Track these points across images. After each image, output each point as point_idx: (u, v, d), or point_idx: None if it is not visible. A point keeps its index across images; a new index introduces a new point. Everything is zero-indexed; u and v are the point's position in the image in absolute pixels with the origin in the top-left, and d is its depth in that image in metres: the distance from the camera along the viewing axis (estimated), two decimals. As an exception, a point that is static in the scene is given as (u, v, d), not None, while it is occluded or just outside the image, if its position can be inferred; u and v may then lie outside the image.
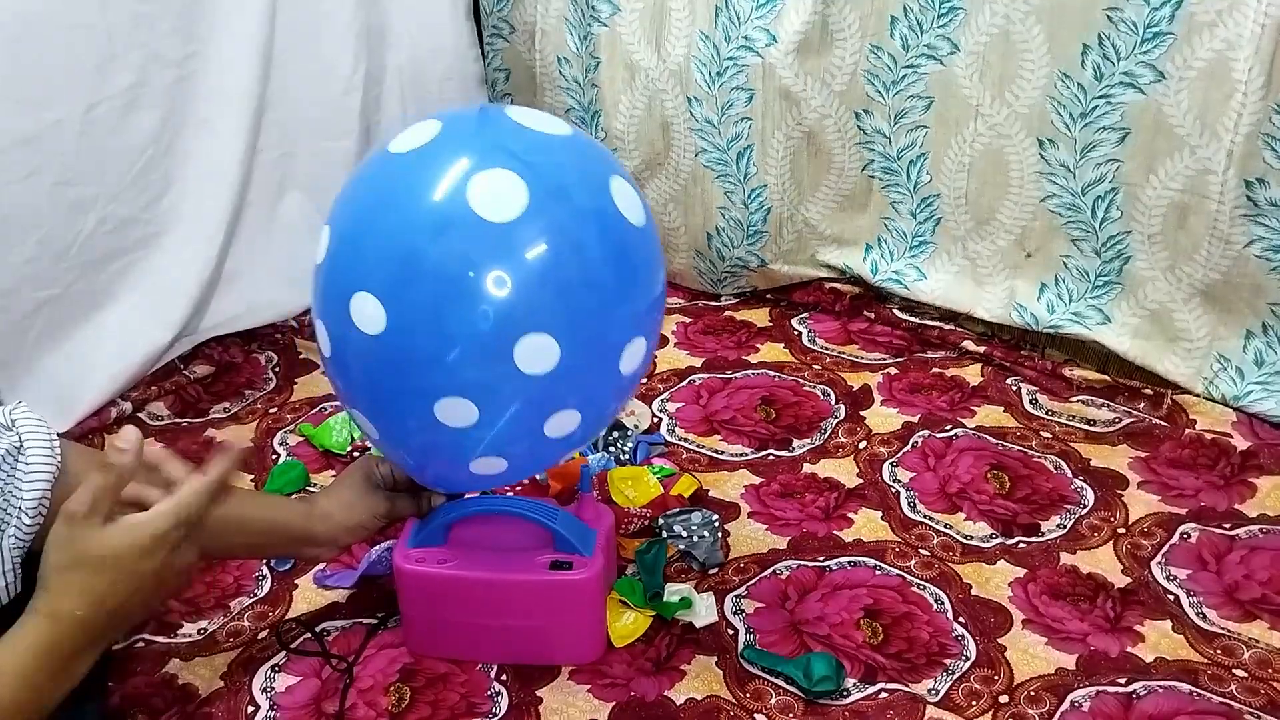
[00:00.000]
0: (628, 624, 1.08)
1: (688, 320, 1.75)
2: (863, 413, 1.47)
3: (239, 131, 1.59)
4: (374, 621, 1.11)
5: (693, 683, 1.03)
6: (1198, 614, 1.10)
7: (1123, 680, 1.02)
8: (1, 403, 0.87)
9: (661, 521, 1.23)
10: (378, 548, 1.18)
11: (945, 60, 1.50)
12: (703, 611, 1.10)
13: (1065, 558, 1.19)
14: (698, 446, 1.42)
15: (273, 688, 1.04)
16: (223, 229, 1.59)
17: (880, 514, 1.27)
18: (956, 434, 1.41)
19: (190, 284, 1.56)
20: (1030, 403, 1.48)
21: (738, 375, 1.58)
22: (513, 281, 0.86)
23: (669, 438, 1.43)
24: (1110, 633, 1.08)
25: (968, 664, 1.05)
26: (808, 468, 1.36)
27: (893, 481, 1.33)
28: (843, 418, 1.47)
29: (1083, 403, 1.48)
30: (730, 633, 1.09)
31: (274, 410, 1.54)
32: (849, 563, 1.19)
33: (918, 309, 1.69)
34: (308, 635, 1.10)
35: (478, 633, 1.05)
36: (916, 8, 1.49)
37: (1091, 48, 1.37)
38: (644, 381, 1.55)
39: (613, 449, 1.37)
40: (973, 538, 1.23)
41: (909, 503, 1.29)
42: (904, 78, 1.55)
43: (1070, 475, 1.32)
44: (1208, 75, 1.28)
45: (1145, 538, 1.21)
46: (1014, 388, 1.52)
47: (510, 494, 1.28)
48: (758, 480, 1.34)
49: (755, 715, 1.00)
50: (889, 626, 1.09)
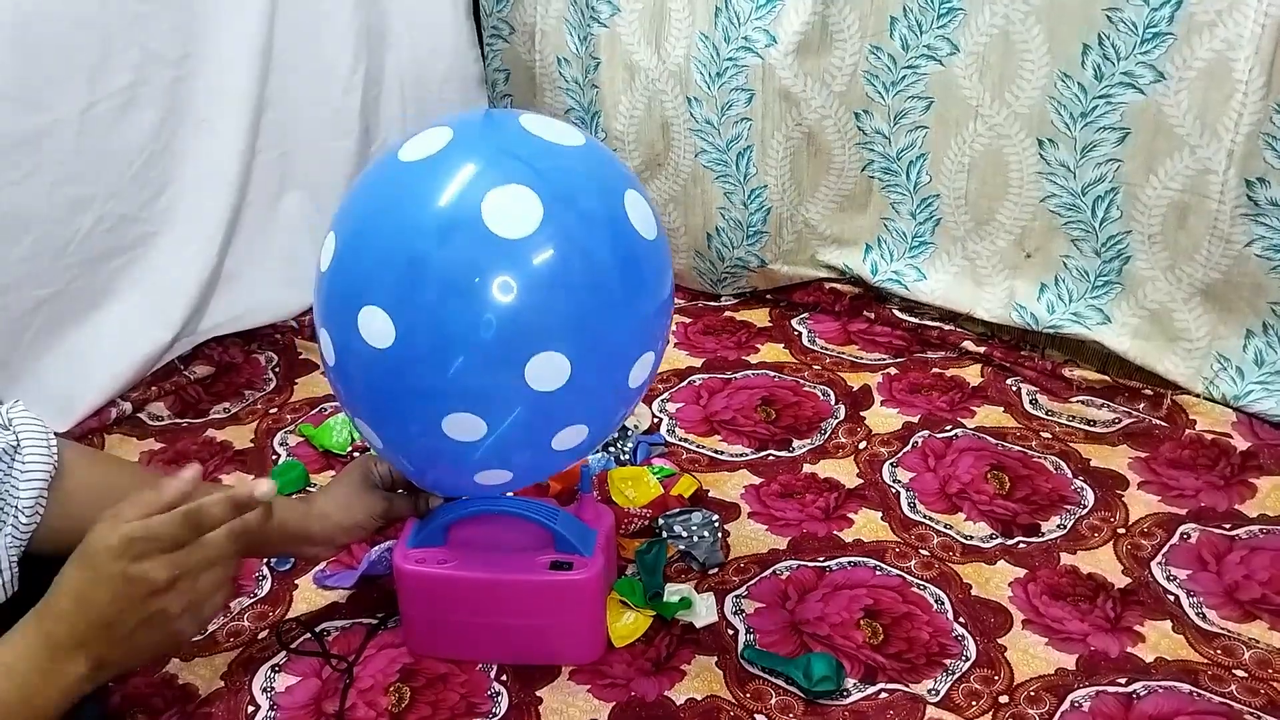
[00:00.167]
0: (628, 624, 1.08)
1: (688, 320, 1.75)
2: (863, 413, 1.47)
3: (238, 131, 1.58)
4: (374, 621, 1.11)
5: (693, 683, 1.03)
6: (1198, 614, 1.10)
7: (1123, 680, 1.02)
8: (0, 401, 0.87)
9: (661, 522, 1.23)
10: (378, 548, 1.18)
11: (945, 60, 1.50)
12: (703, 612, 1.10)
13: (1065, 558, 1.18)
14: (698, 447, 1.41)
15: (273, 688, 1.04)
16: (222, 229, 1.59)
17: (880, 514, 1.27)
18: (956, 434, 1.41)
19: (190, 284, 1.56)
20: (1030, 403, 1.48)
21: (738, 375, 1.58)
22: (526, 298, 0.85)
23: (669, 438, 1.43)
24: (1110, 633, 1.08)
25: (968, 664, 1.05)
26: (808, 468, 1.36)
27: (893, 482, 1.33)
28: (843, 418, 1.47)
29: (1083, 403, 1.48)
30: (730, 633, 1.09)
31: (274, 410, 1.54)
32: (849, 563, 1.19)
33: (918, 309, 1.69)
34: (308, 635, 1.10)
35: (478, 633, 1.05)
36: (916, 8, 1.49)
37: (1091, 48, 1.37)
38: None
39: (613, 449, 1.37)
40: (973, 538, 1.22)
41: (909, 503, 1.29)
42: (904, 78, 1.55)
43: (1070, 475, 1.32)
44: (1207, 75, 1.28)
45: (1145, 538, 1.21)
46: (1014, 388, 1.52)
47: (510, 494, 1.28)
48: (758, 480, 1.34)
49: (755, 715, 1.00)
50: (889, 627, 1.09)
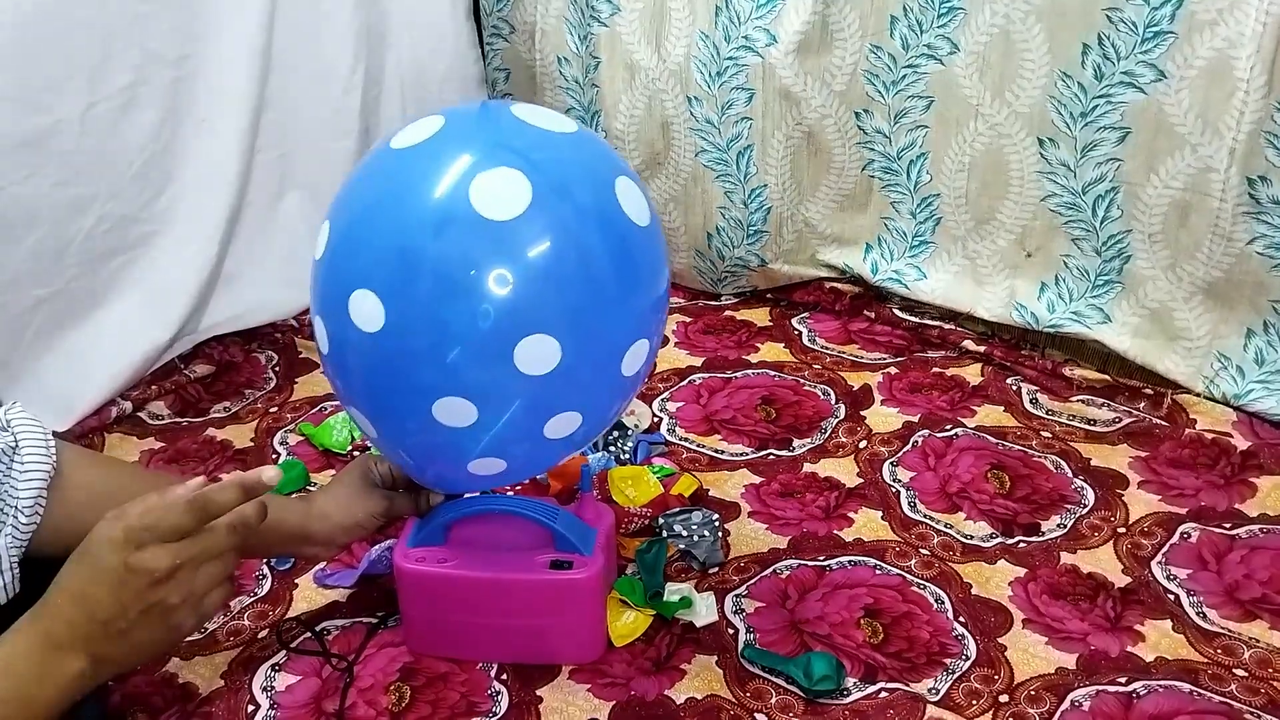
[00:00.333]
0: (628, 623, 1.08)
1: (688, 320, 1.75)
2: (863, 412, 1.47)
3: (238, 131, 1.59)
4: (374, 621, 1.11)
5: (693, 682, 1.03)
6: (1198, 613, 1.10)
7: (1123, 680, 1.02)
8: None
9: (662, 521, 1.23)
10: (378, 547, 1.18)
11: (945, 60, 1.50)
12: (703, 611, 1.10)
13: (1065, 557, 1.18)
14: (698, 446, 1.41)
15: (273, 687, 1.04)
16: (222, 228, 1.60)
17: (880, 513, 1.27)
18: (957, 433, 1.41)
19: (190, 283, 1.56)
20: (1030, 402, 1.48)
21: (738, 375, 1.58)
22: (514, 280, 0.85)
23: (669, 437, 1.43)
24: (1110, 632, 1.08)
25: (968, 663, 1.05)
26: (808, 467, 1.36)
27: (893, 481, 1.33)
28: (843, 417, 1.46)
29: (1083, 402, 1.48)
30: (730, 632, 1.09)
31: (274, 410, 1.54)
32: (849, 562, 1.19)
33: (918, 308, 1.68)
34: (308, 634, 1.10)
35: (478, 632, 1.05)
36: (916, 7, 1.49)
37: (1091, 47, 1.36)
38: (644, 381, 1.54)
39: (613, 448, 1.37)
40: (973, 537, 1.22)
41: (909, 502, 1.29)
42: (904, 77, 1.55)
43: (1070, 475, 1.32)
44: (1208, 74, 1.28)
45: (1145, 537, 1.21)
46: (1014, 387, 1.52)
47: (510, 493, 1.28)
48: (758, 480, 1.34)
49: (755, 715, 1.00)
50: (889, 626, 1.09)
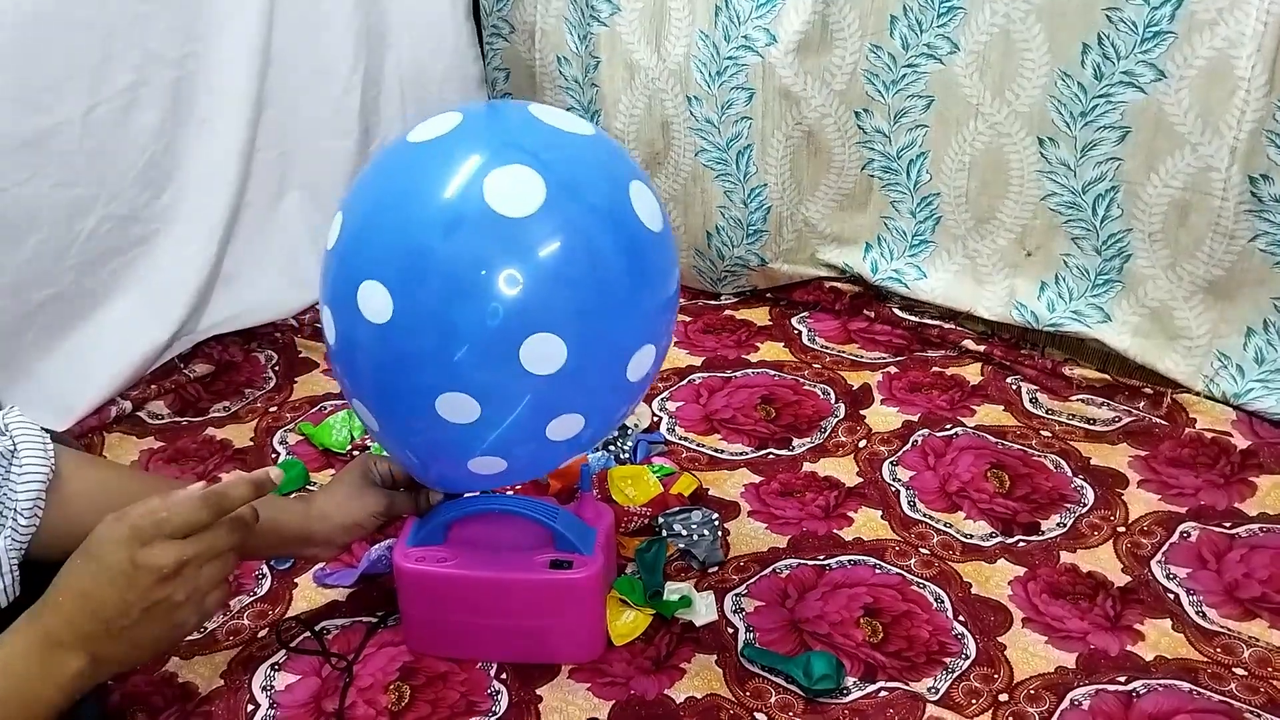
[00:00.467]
0: (627, 622, 1.08)
1: (688, 319, 1.75)
2: (863, 411, 1.47)
3: (238, 131, 1.59)
4: (374, 620, 1.11)
5: (692, 681, 1.03)
6: (1198, 612, 1.10)
7: (1123, 679, 1.02)
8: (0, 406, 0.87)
9: (661, 520, 1.23)
10: (378, 546, 1.18)
11: (945, 59, 1.50)
12: (702, 610, 1.10)
13: (1065, 556, 1.18)
14: (698, 445, 1.41)
15: (272, 686, 1.04)
16: (222, 228, 1.60)
17: (880, 513, 1.27)
18: (956, 433, 1.41)
19: (190, 283, 1.56)
20: (1030, 402, 1.48)
21: (738, 374, 1.58)
22: (524, 279, 0.84)
23: (669, 437, 1.43)
24: (1110, 631, 1.08)
25: (967, 662, 1.05)
26: (808, 466, 1.36)
27: (893, 480, 1.33)
28: (843, 417, 1.46)
29: (1083, 401, 1.48)
30: (730, 631, 1.09)
31: (274, 409, 1.54)
32: (849, 561, 1.19)
33: (918, 308, 1.69)
34: (307, 634, 1.10)
35: (477, 631, 1.05)
36: (916, 7, 1.49)
37: (1091, 47, 1.36)
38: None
39: (613, 448, 1.37)
40: (972, 536, 1.22)
41: (909, 501, 1.29)
42: (904, 77, 1.55)
43: (1070, 474, 1.32)
44: (1208, 74, 1.28)
45: (1145, 536, 1.21)
46: (1014, 387, 1.52)
47: (510, 493, 1.28)
48: (757, 479, 1.34)
49: (755, 714, 1.00)
50: (889, 625, 1.09)
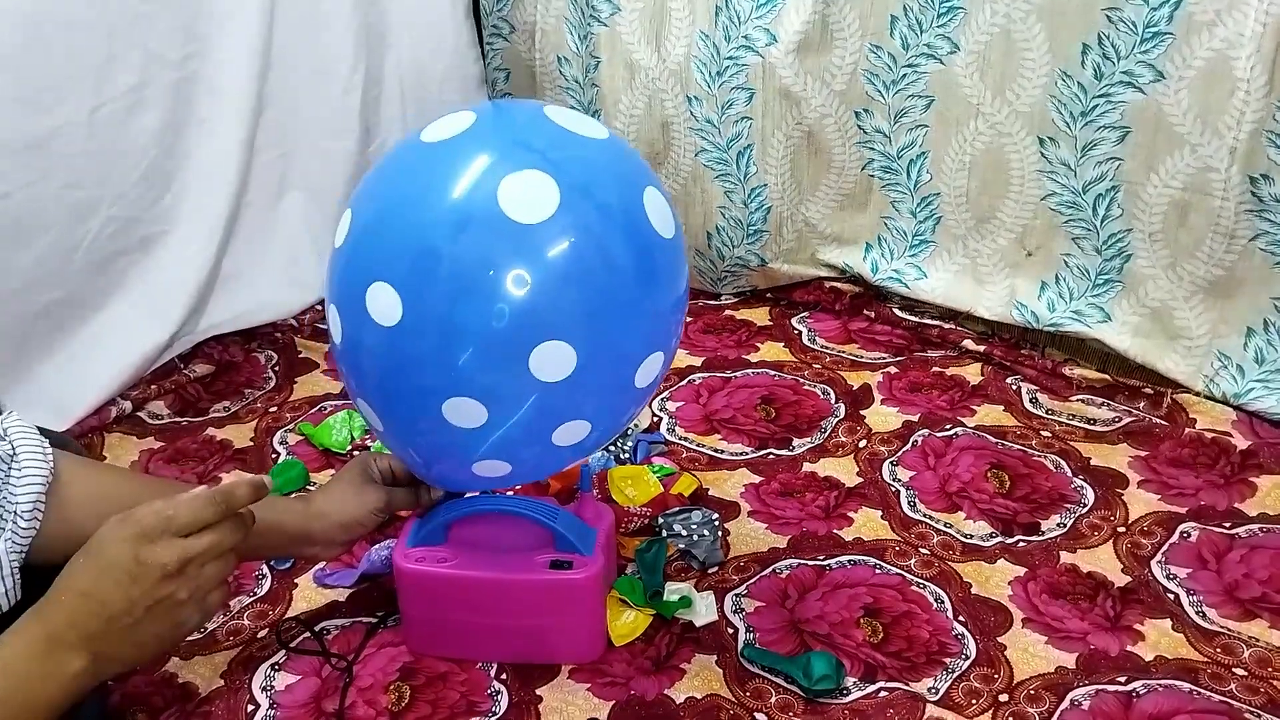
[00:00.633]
0: (627, 623, 1.08)
1: (688, 319, 1.74)
2: (863, 412, 1.47)
3: (238, 131, 1.59)
4: (374, 620, 1.11)
5: (692, 681, 1.03)
6: (1198, 613, 1.10)
7: (1123, 679, 1.02)
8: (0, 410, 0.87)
9: (661, 520, 1.23)
10: (378, 547, 1.18)
11: (945, 59, 1.50)
12: (702, 610, 1.10)
13: (1065, 557, 1.18)
14: (698, 445, 1.41)
15: (272, 686, 1.04)
16: (222, 228, 1.60)
17: (880, 513, 1.27)
18: (956, 433, 1.41)
19: (190, 283, 1.56)
20: (1030, 402, 1.48)
21: (738, 374, 1.58)
22: (535, 285, 0.84)
23: (669, 437, 1.43)
24: (1110, 631, 1.08)
25: (967, 663, 1.05)
26: (808, 466, 1.36)
27: (893, 480, 1.33)
28: (843, 417, 1.46)
29: (1083, 402, 1.47)
30: (730, 631, 1.09)
31: (274, 409, 1.54)
32: (849, 561, 1.19)
33: (918, 308, 1.68)
34: (307, 634, 1.10)
35: (477, 632, 1.05)
36: (916, 7, 1.49)
37: (1091, 47, 1.36)
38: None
39: (613, 448, 1.37)
40: (973, 536, 1.22)
41: (909, 502, 1.29)
42: (904, 77, 1.55)
43: (1070, 474, 1.32)
44: (1207, 75, 1.28)
45: (1145, 536, 1.21)
46: (1014, 387, 1.52)
47: (510, 493, 1.28)
48: (757, 479, 1.34)
49: (755, 714, 1.00)
50: (889, 625, 1.09)
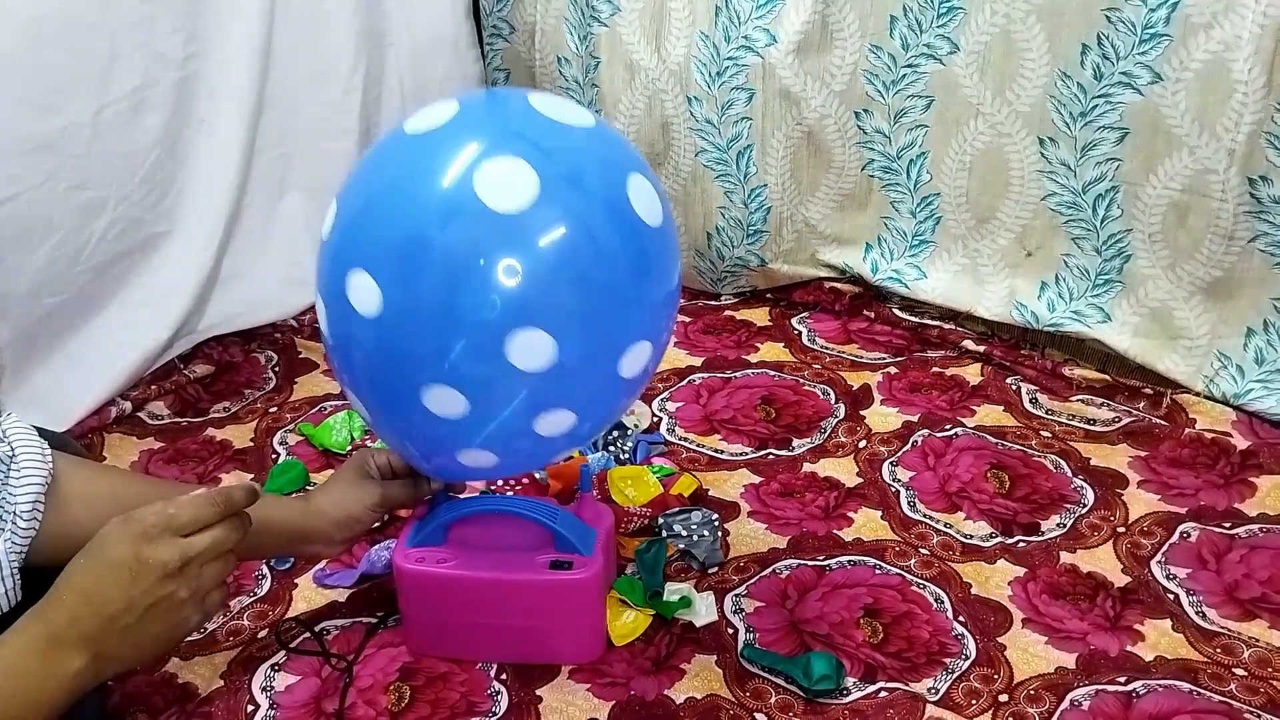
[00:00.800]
0: (627, 623, 1.08)
1: (688, 320, 1.75)
2: (862, 412, 1.47)
3: (239, 131, 1.59)
4: (374, 621, 1.11)
5: (692, 682, 1.03)
6: (1197, 613, 1.10)
7: (1122, 679, 1.02)
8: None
9: (661, 521, 1.23)
10: (377, 547, 1.18)
11: (945, 60, 1.50)
12: (702, 611, 1.10)
13: (1065, 557, 1.18)
14: (698, 446, 1.42)
15: (272, 687, 1.04)
16: (223, 229, 1.60)
17: (880, 513, 1.27)
18: (956, 433, 1.41)
19: (190, 283, 1.56)
20: (1030, 402, 1.48)
21: (738, 375, 1.58)
22: (512, 273, 0.84)
23: (669, 437, 1.43)
24: (1110, 632, 1.08)
25: (967, 663, 1.05)
26: (807, 467, 1.36)
27: (892, 481, 1.33)
28: (842, 417, 1.47)
29: (1082, 402, 1.48)
30: (730, 632, 1.09)
31: (274, 410, 1.54)
32: (849, 562, 1.19)
33: (918, 308, 1.69)
34: (307, 634, 1.10)
35: (477, 632, 1.05)
36: (916, 7, 1.49)
37: (1091, 48, 1.37)
38: (647, 383, 1.55)
39: (613, 448, 1.37)
40: (972, 537, 1.23)
41: (909, 502, 1.29)
42: (904, 77, 1.55)
43: (1070, 474, 1.32)
44: (1205, 77, 1.28)
45: (1145, 537, 1.21)
46: (1014, 387, 1.52)
47: (510, 493, 1.28)
48: (757, 479, 1.34)
49: (755, 714, 1.00)
50: (889, 625, 1.09)
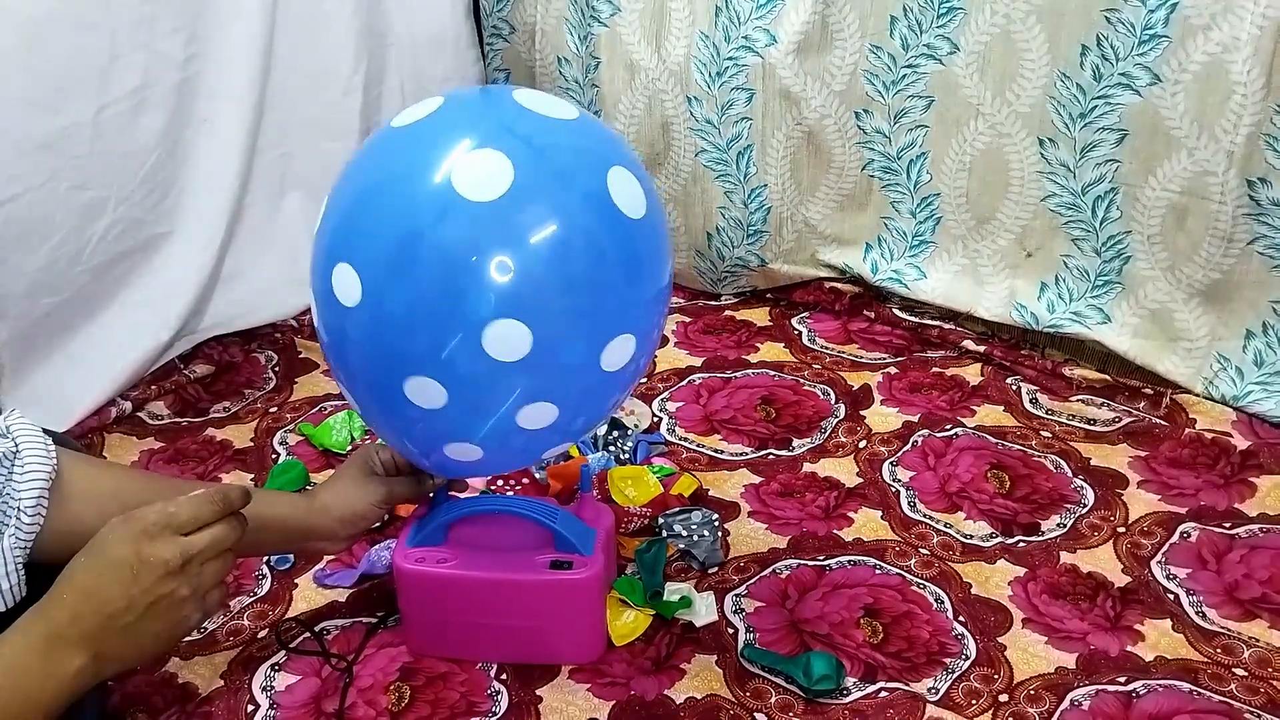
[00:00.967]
0: (628, 623, 1.08)
1: (688, 320, 1.75)
2: (863, 412, 1.47)
3: (239, 131, 1.59)
4: (374, 620, 1.11)
5: (692, 682, 1.03)
6: (1197, 613, 1.10)
7: (1123, 679, 1.02)
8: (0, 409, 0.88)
9: (661, 521, 1.23)
10: (377, 547, 1.19)
11: (945, 60, 1.50)
12: (702, 611, 1.10)
13: (1065, 557, 1.19)
14: (698, 446, 1.42)
15: (272, 687, 1.05)
16: (223, 229, 1.60)
17: (880, 513, 1.27)
18: (956, 433, 1.41)
19: (190, 283, 1.56)
20: (1030, 402, 1.48)
21: (738, 375, 1.58)
22: (488, 264, 0.84)
23: (669, 437, 1.43)
24: (1110, 632, 1.08)
25: (968, 663, 1.05)
26: (808, 467, 1.36)
27: (893, 481, 1.33)
28: (843, 417, 1.47)
29: (1083, 402, 1.48)
30: (730, 632, 1.09)
31: (274, 410, 1.54)
32: (849, 562, 1.19)
33: (918, 308, 1.69)
34: (307, 634, 1.10)
35: (478, 632, 1.05)
36: (916, 7, 1.49)
37: (1090, 49, 1.37)
38: (644, 381, 1.55)
39: (613, 448, 1.37)
40: (973, 537, 1.23)
41: (909, 502, 1.29)
42: (904, 77, 1.55)
43: (1070, 474, 1.32)
44: (1203, 79, 1.28)
45: (1145, 537, 1.21)
46: (1014, 387, 1.52)
47: (510, 493, 1.28)
48: (757, 479, 1.34)
49: (755, 714, 1.00)
50: (889, 625, 1.09)
